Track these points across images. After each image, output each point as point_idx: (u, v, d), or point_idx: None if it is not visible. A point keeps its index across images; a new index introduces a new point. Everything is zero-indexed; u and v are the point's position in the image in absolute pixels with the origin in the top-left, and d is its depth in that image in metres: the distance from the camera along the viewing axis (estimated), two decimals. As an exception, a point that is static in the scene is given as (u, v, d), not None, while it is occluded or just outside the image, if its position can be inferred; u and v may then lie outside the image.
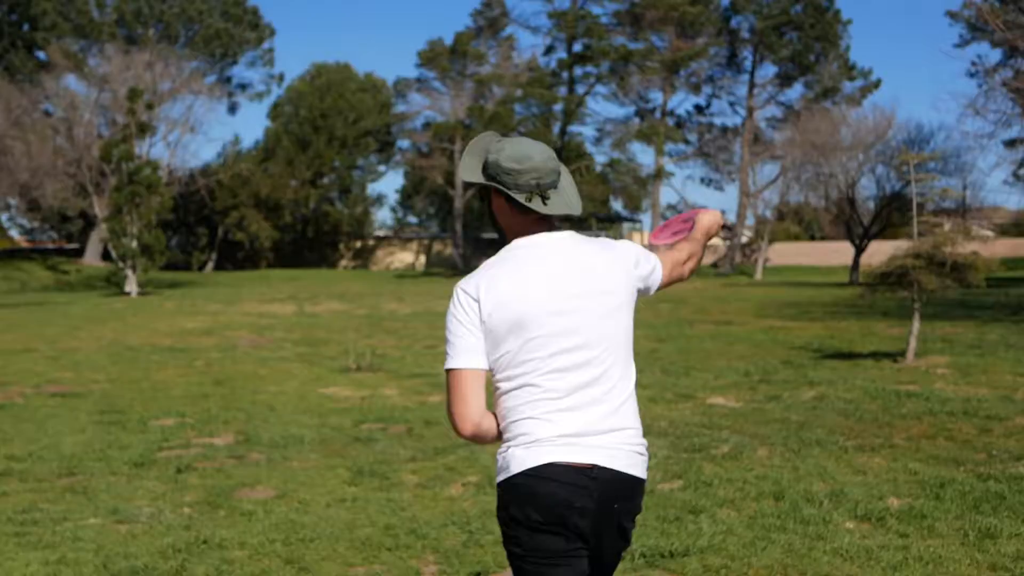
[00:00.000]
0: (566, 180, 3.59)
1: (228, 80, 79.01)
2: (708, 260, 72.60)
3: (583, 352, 3.42)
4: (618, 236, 72.55)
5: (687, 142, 74.66)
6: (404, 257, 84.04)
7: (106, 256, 64.29)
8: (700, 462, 8.98)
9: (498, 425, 3.48)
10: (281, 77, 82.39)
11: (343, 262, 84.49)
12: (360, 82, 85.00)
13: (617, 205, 79.39)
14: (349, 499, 8.02)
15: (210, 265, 79.58)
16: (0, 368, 17.54)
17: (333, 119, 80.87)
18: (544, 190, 3.45)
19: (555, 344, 3.39)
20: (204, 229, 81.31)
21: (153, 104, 55.14)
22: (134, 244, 47.56)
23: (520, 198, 3.42)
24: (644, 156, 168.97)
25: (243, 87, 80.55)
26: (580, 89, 70.75)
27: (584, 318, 3.43)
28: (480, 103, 69.53)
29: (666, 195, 77.19)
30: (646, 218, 76.75)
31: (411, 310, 31.81)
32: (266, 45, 79.16)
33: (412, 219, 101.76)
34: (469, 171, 3.55)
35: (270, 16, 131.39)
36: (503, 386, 3.42)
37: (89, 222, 70.06)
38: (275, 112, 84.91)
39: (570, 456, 3.37)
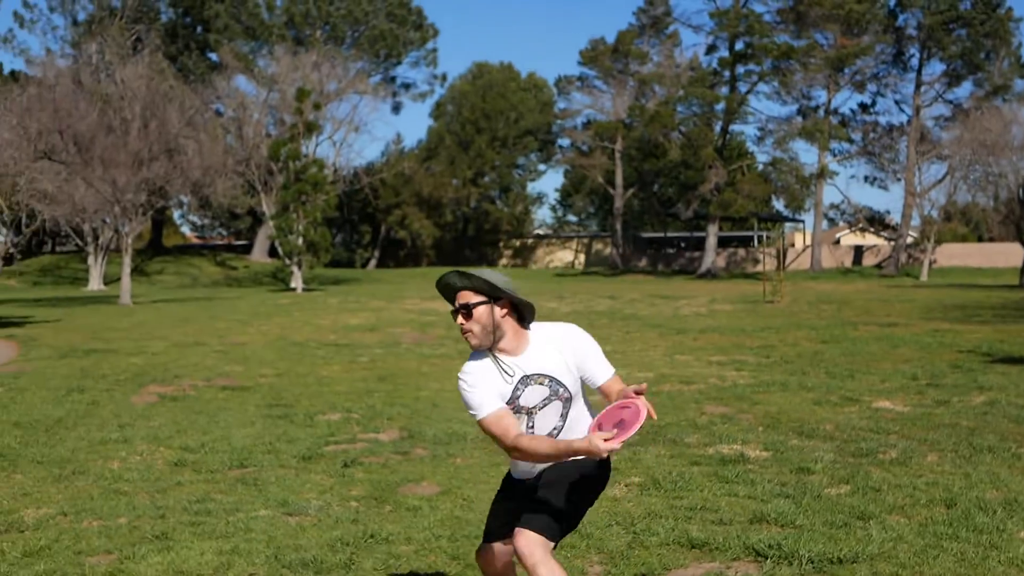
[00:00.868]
0: None
1: (392, 80, 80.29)
2: (871, 261, 71.27)
3: None
4: (780, 235, 71.82)
5: (851, 141, 73.41)
6: (563, 256, 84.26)
7: (273, 253, 65.93)
8: (867, 467, 8.82)
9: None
10: (444, 77, 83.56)
11: (503, 260, 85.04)
12: (522, 82, 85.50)
13: (779, 204, 78.39)
14: (512, 497, 8.05)
15: (373, 262, 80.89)
16: (173, 361, 18.09)
17: (494, 118, 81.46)
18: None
19: None
20: (367, 227, 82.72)
21: (320, 104, 56.32)
22: (300, 241, 48.60)
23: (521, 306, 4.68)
24: (807, 155, 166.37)
25: (407, 87, 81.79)
26: (742, 88, 69.95)
27: None
28: (641, 102, 69.31)
29: (829, 194, 75.88)
30: (808, 217, 75.65)
31: (570, 309, 31.87)
32: (429, 45, 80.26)
33: (572, 218, 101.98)
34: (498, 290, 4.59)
35: (433, 17, 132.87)
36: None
37: (257, 219, 71.89)
38: (437, 111, 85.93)
39: None
